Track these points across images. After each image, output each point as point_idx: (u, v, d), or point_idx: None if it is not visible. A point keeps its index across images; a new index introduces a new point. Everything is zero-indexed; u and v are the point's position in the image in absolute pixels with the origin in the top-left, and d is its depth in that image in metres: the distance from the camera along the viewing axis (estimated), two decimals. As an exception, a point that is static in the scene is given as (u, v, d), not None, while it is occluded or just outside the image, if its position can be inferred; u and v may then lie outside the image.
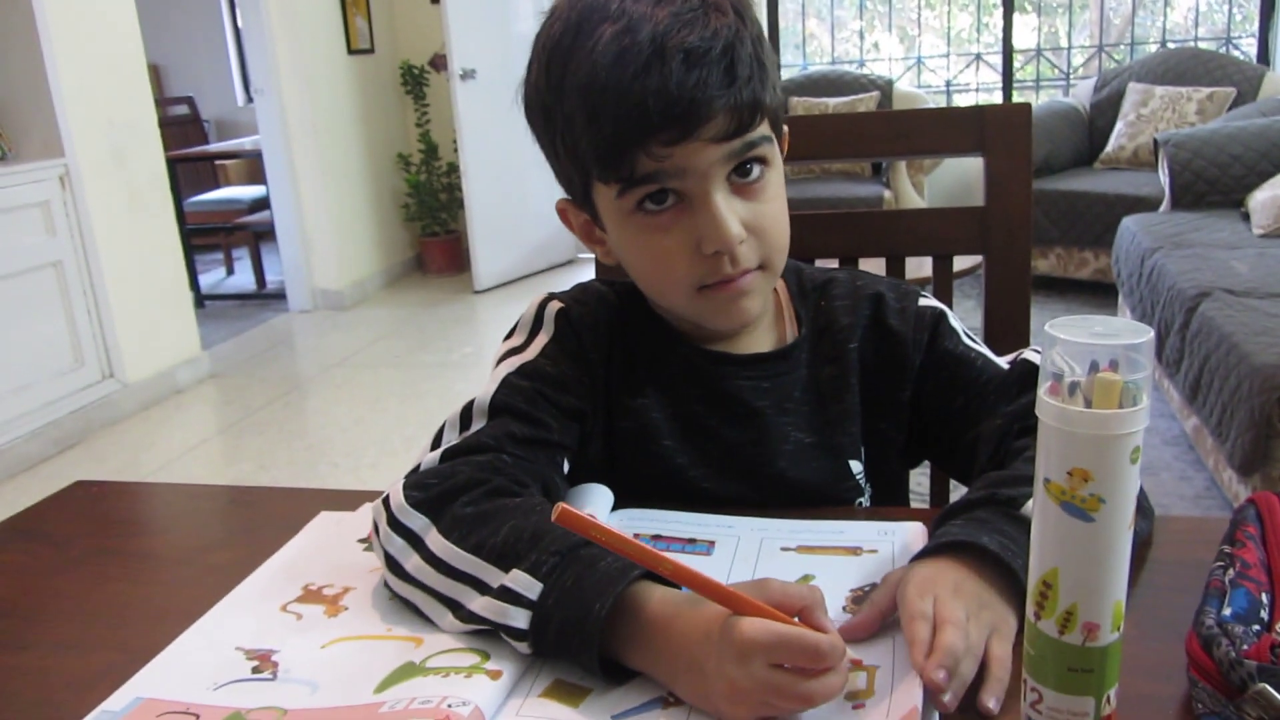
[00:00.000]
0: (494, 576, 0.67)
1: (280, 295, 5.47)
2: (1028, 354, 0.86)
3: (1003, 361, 0.88)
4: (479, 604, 0.66)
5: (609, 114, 0.73)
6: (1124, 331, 0.48)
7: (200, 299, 5.54)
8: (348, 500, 0.90)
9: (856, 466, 0.90)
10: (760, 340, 0.89)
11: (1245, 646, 0.53)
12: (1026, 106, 1.14)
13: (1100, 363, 0.48)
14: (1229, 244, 3.33)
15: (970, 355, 0.88)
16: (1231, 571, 0.62)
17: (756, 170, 0.78)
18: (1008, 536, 0.65)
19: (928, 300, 0.92)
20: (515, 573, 0.66)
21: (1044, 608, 0.51)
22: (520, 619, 0.64)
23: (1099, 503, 0.48)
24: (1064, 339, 0.48)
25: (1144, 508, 0.76)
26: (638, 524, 0.82)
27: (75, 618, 0.76)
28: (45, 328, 3.52)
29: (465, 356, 4.42)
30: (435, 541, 0.70)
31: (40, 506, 0.95)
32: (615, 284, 0.92)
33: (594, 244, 0.87)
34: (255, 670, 0.66)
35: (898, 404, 0.90)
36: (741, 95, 0.74)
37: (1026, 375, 0.84)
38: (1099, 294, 4.42)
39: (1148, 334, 0.47)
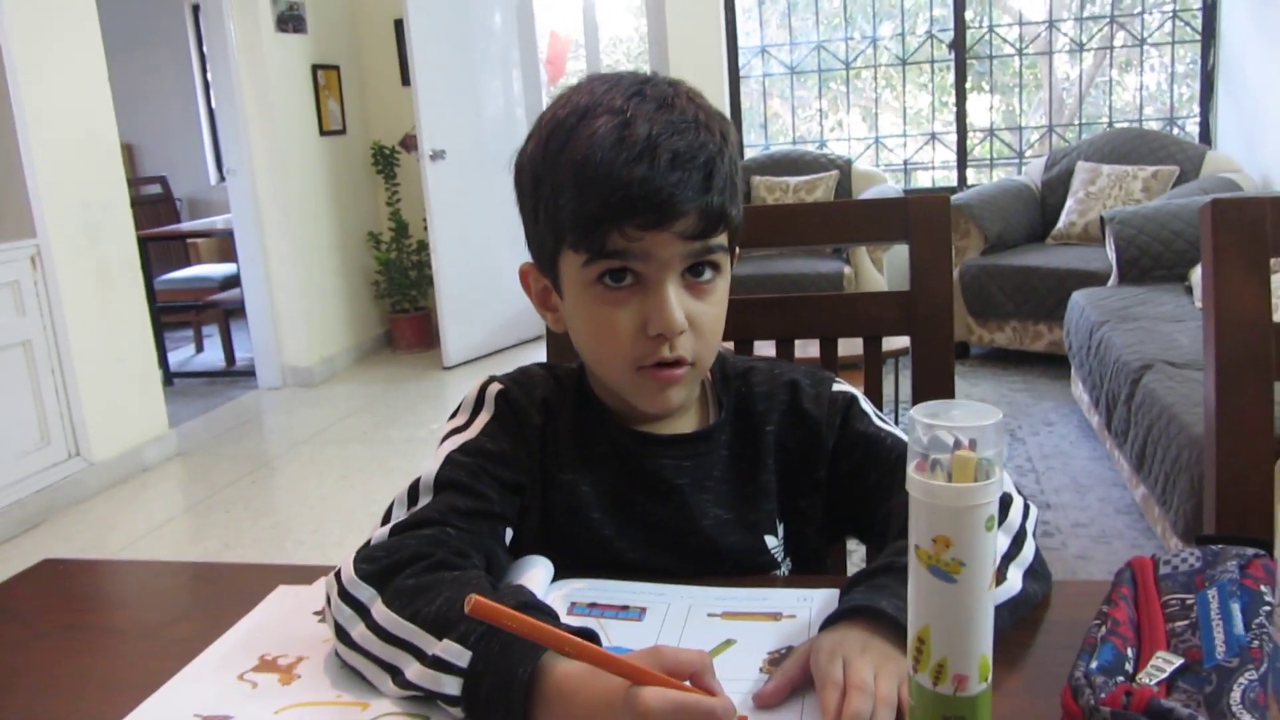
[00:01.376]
0: (428, 644, 0.72)
1: (250, 372, 5.50)
2: None
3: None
4: (414, 671, 0.72)
5: (596, 190, 0.81)
6: (979, 414, 0.54)
7: (169, 376, 5.56)
8: (305, 575, 0.95)
9: (772, 541, 0.96)
10: (683, 422, 0.97)
11: (1103, 695, 0.59)
12: (945, 199, 1.23)
13: (961, 441, 0.55)
14: (1172, 317, 3.45)
15: (880, 435, 0.96)
16: (1104, 629, 0.68)
17: (709, 273, 0.87)
18: (902, 599, 0.72)
19: (840, 386, 1.00)
20: (447, 642, 0.71)
21: (919, 661, 0.57)
22: (453, 686, 0.70)
23: (960, 566, 0.54)
24: (928, 421, 0.55)
25: (1039, 572, 0.83)
26: (576, 593, 0.88)
27: (39, 692, 0.80)
28: (12, 406, 3.54)
29: (433, 432, 4.46)
30: (379, 611, 0.76)
31: (8, 584, 0.99)
32: (554, 368, 1.00)
33: (547, 310, 0.95)
34: None
35: (814, 482, 0.97)
36: (712, 203, 0.83)
37: None
38: (1054, 366, 4.53)
39: (997, 416, 0.54)
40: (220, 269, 6.35)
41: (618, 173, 0.80)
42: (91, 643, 0.88)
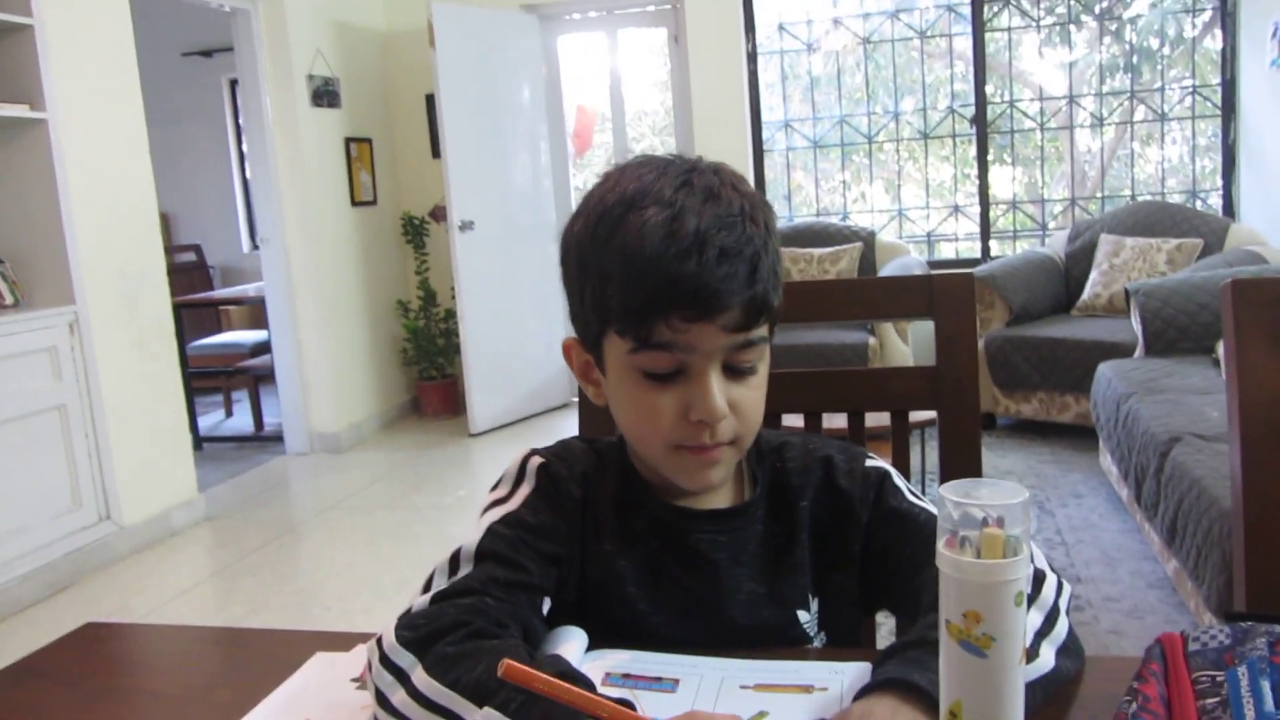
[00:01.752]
0: (469, 711, 0.74)
1: (278, 438, 5.55)
2: None
3: None
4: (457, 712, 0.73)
5: (645, 282, 0.84)
6: (1006, 493, 0.56)
7: (199, 441, 5.62)
8: (342, 642, 0.97)
9: (804, 616, 0.98)
10: (719, 498, 0.99)
11: (1134, 771, 0.59)
12: (969, 276, 1.26)
13: (989, 519, 0.56)
14: (1200, 389, 3.44)
15: (914, 510, 0.97)
16: (1134, 705, 0.69)
17: (751, 360, 0.90)
18: (935, 673, 0.73)
19: (874, 461, 1.01)
20: (488, 709, 0.73)
21: (952, 735, 0.58)
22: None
23: (990, 640, 0.56)
24: (956, 500, 0.57)
25: (1072, 649, 0.83)
26: (611, 664, 0.89)
27: (85, 753, 0.82)
28: (46, 470, 3.59)
29: (460, 499, 4.47)
30: (420, 678, 0.78)
31: (52, 647, 1.02)
32: (594, 442, 1.02)
33: (590, 384, 0.97)
34: None
35: (848, 556, 0.99)
36: (756, 295, 0.86)
37: None
38: (1081, 437, 4.51)
39: (1024, 494, 0.56)
40: (251, 335, 6.45)
41: (666, 267, 0.83)
42: (134, 706, 0.90)
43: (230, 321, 7.15)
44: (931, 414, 1.29)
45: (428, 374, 6.00)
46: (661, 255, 0.83)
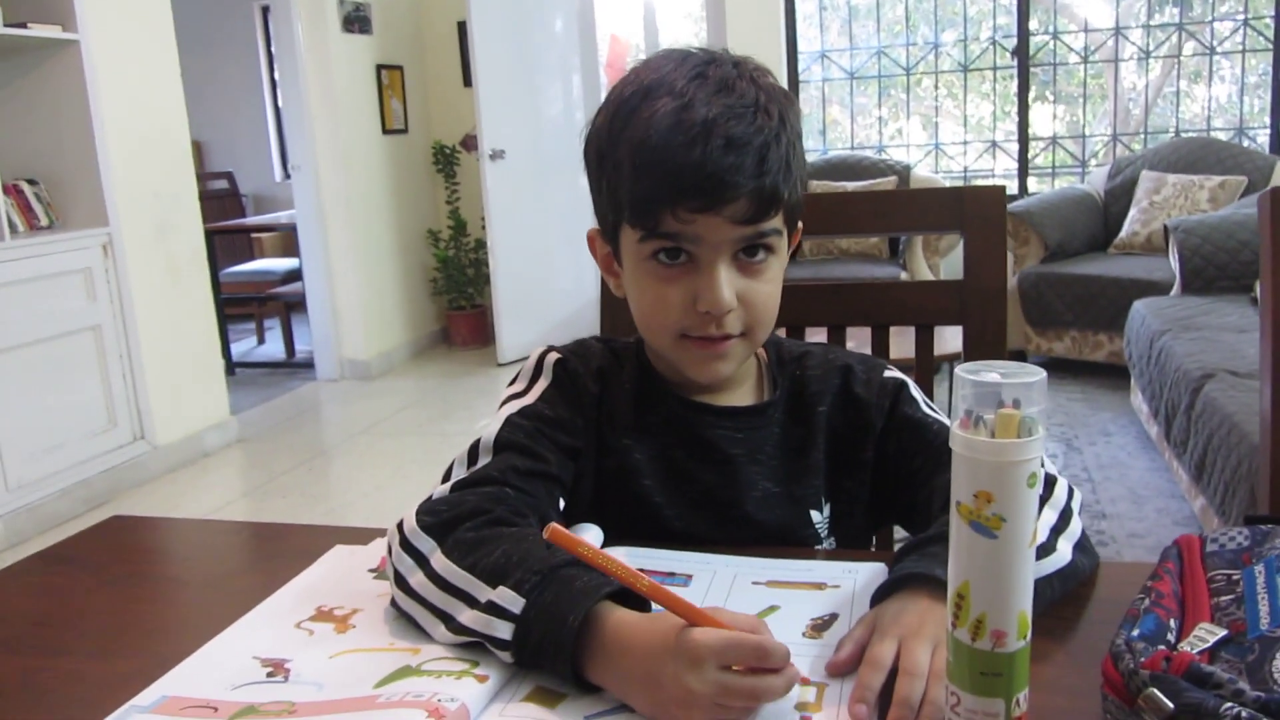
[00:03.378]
0: (483, 592, 0.74)
1: (309, 364, 5.61)
2: None
3: None
4: (468, 616, 0.74)
5: (651, 172, 0.84)
6: (1022, 373, 0.55)
7: (231, 366, 5.68)
8: (361, 536, 0.98)
9: (816, 516, 0.98)
10: (739, 397, 0.99)
11: (1142, 659, 0.59)
12: (1001, 189, 1.23)
13: (1004, 400, 0.55)
14: (1236, 327, 3.38)
15: (928, 420, 0.97)
16: (1147, 601, 0.68)
17: (761, 254, 0.89)
18: None
19: (892, 372, 1.01)
20: (502, 589, 0.73)
21: (958, 617, 0.58)
22: (504, 630, 0.72)
23: (1001, 521, 0.55)
24: (972, 379, 0.56)
25: (1086, 548, 0.83)
26: (624, 558, 0.89)
27: (107, 630, 0.84)
28: (81, 389, 3.65)
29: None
30: (439, 561, 0.78)
31: (78, 537, 1.04)
32: (610, 341, 1.03)
33: (611, 275, 0.98)
34: (269, 675, 0.74)
35: (861, 463, 0.99)
36: (765, 186, 0.84)
37: None
38: (1112, 376, 4.46)
39: (1040, 374, 0.55)
40: (283, 263, 6.48)
41: (672, 156, 0.82)
42: (156, 591, 0.92)
43: (262, 249, 7.19)
44: (958, 343, 1.27)
45: (457, 304, 6.01)
46: (668, 144, 0.82)
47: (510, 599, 0.72)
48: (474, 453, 0.91)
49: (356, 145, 5.37)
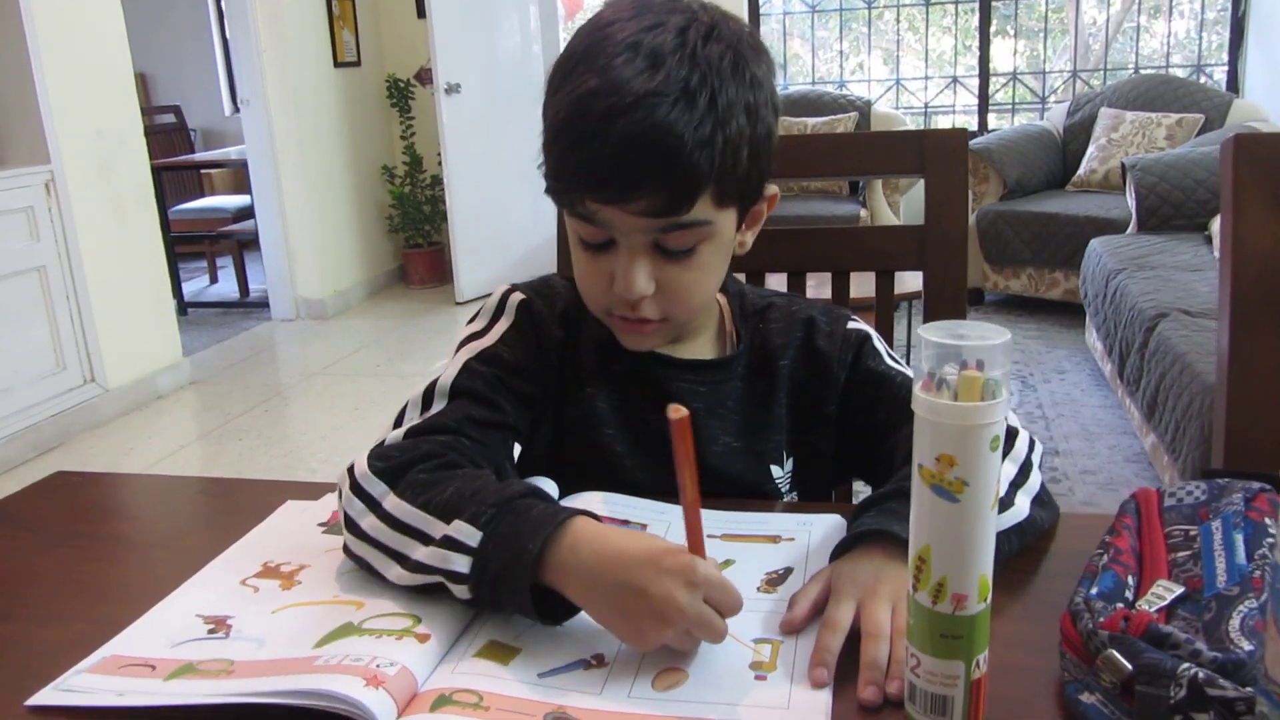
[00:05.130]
0: (437, 528, 0.73)
1: (263, 304, 5.51)
2: None
3: None
4: (423, 553, 0.73)
5: (560, 155, 0.81)
6: (987, 334, 0.54)
7: (183, 306, 5.58)
8: (313, 491, 0.96)
9: (778, 471, 0.97)
10: (702, 350, 0.97)
11: (1101, 619, 0.59)
12: (964, 132, 1.21)
13: (968, 362, 0.54)
14: (1191, 266, 3.42)
15: (891, 373, 0.96)
16: (1105, 557, 0.68)
17: (684, 244, 0.84)
18: None
19: (855, 324, 1.00)
20: (457, 523, 0.72)
21: (919, 580, 0.57)
22: (461, 564, 0.70)
23: (963, 485, 0.54)
24: (935, 340, 0.54)
25: (1045, 502, 0.83)
26: (581, 502, 0.88)
27: (52, 595, 0.81)
28: (28, 332, 3.57)
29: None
30: (391, 502, 0.77)
31: (21, 494, 1.01)
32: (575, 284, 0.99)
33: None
34: (210, 632, 0.73)
35: (824, 417, 0.98)
36: (674, 182, 0.79)
37: None
38: (1068, 314, 4.50)
39: (1005, 336, 0.54)
40: (234, 200, 6.34)
41: (577, 144, 0.79)
42: (103, 551, 0.89)
43: (213, 186, 7.02)
44: (918, 283, 1.26)
45: (414, 241, 5.93)
46: (575, 132, 0.79)
47: (466, 532, 0.71)
48: (429, 396, 0.89)
49: (307, 78, 5.23)
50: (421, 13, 5.44)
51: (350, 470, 0.82)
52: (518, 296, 0.96)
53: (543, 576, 0.69)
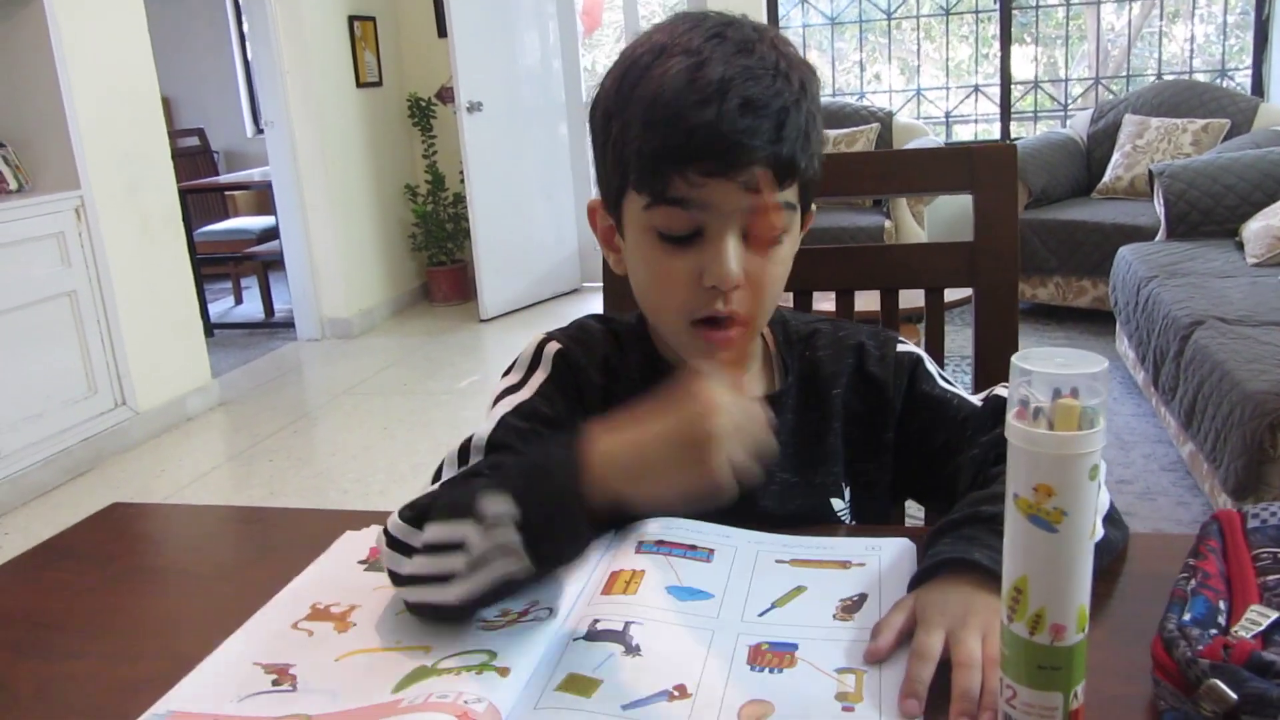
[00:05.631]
0: (466, 525, 0.71)
1: (288, 324, 5.54)
2: (999, 390, 0.93)
3: (976, 399, 0.95)
4: (473, 546, 0.71)
5: (661, 130, 0.79)
6: (1083, 362, 0.53)
7: (210, 327, 5.61)
8: (368, 520, 0.95)
9: (839, 504, 0.96)
10: (751, 384, 0.95)
11: (1200, 647, 0.58)
12: (1013, 147, 1.20)
13: (1062, 390, 0.53)
14: (1223, 273, 3.38)
15: (947, 396, 0.95)
16: (1193, 581, 0.67)
17: (773, 230, 0.83)
18: (994, 549, 0.70)
19: (905, 346, 0.98)
20: (480, 502, 0.71)
21: (1016, 611, 0.56)
22: (499, 503, 0.70)
23: (1061, 515, 0.53)
24: (1030, 369, 0.54)
25: (1116, 520, 0.82)
26: (644, 531, 0.87)
27: (115, 630, 0.81)
28: (59, 356, 3.59)
29: (472, 384, 4.48)
30: (422, 537, 0.75)
31: (79, 527, 1.01)
32: (611, 322, 0.98)
33: (611, 249, 0.93)
34: (275, 683, 0.71)
35: (881, 445, 0.96)
36: (782, 153, 0.80)
37: (999, 409, 0.90)
38: (1097, 322, 4.47)
39: (1103, 364, 0.53)
40: (258, 221, 6.38)
41: (684, 114, 0.78)
42: (163, 585, 0.89)
43: (237, 207, 7.07)
44: (965, 292, 1.25)
45: (437, 259, 5.95)
46: (681, 101, 0.78)
47: (493, 500, 0.71)
48: (464, 452, 0.86)
49: (330, 99, 5.26)
50: (442, 32, 5.47)
51: (385, 529, 0.79)
52: (554, 346, 0.93)
53: (584, 488, 0.70)
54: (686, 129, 0.78)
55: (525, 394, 0.90)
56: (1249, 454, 2.30)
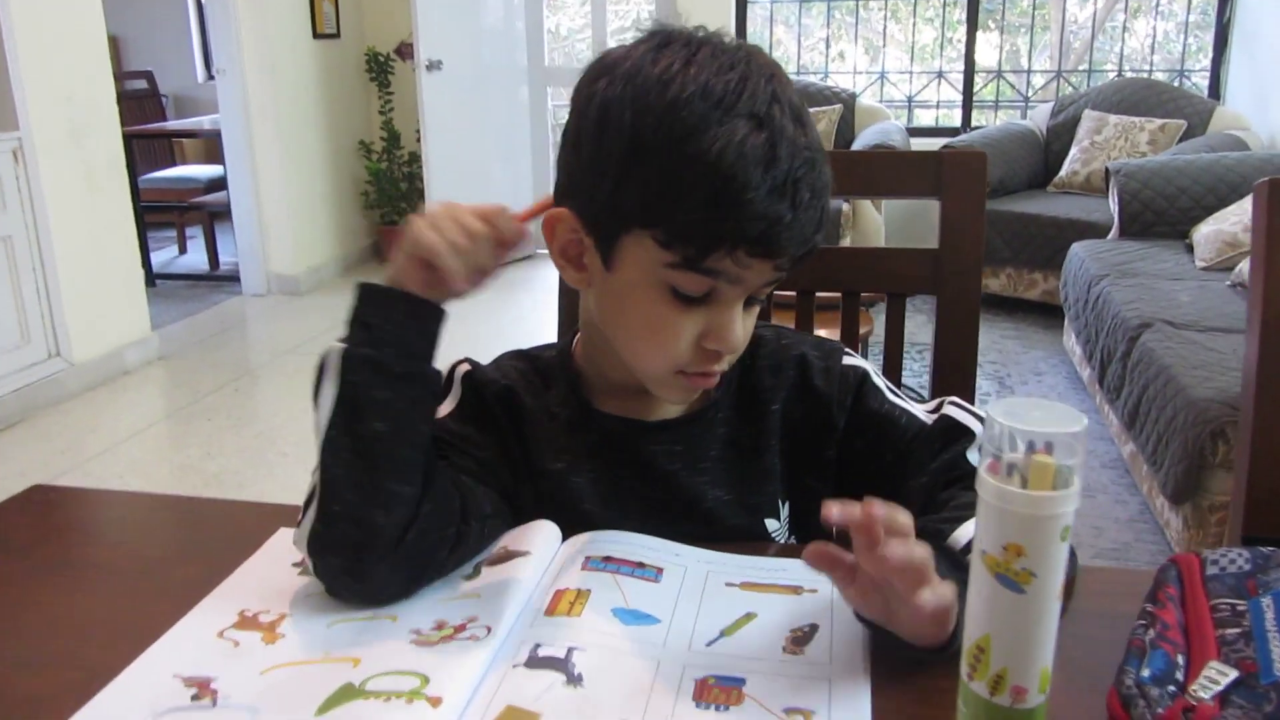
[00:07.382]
0: (323, 414, 0.88)
1: (234, 277, 5.41)
2: (948, 408, 0.90)
3: (923, 412, 0.92)
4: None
5: (729, 212, 0.73)
6: (1061, 418, 0.51)
7: (152, 277, 5.46)
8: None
9: (773, 524, 0.93)
10: (670, 407, 0.92)
11: (1160, 710, 0.56)
12: (982, 155, 1.18)
13: (1037, 445, 0.51)
14: (1173, 275, 3.42)
15: (894, 413, 0.92)
16: (1152, 632, 0.65)
17: (765, 293, 0.83)
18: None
19: (851, 359, 0.95)
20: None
21: (977, 670, 0.54)
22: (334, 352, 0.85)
23: (1030, 576, 0.51)
24: (1005, 423, 0.51)
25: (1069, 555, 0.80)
26: (592, 545, 0.84)
27: (35, 634, 0.76)
28: (-9, 303, 3.47)
29: (420, 349, 4.40)
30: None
31: (-3, 510, 0.96)
32: (533, 357, 0.96)
33: (569, 264, 0.85)
34: (194, 698, 0.67)
35: (823, 461, 0.93)
36: (817, 241, 0.80)
37: (949, 430, 0.88)
38: (1046, 315, 4.51)
39: (1082, 422, 0.51)
40: (206, 170, 6.22)
41: (758, 203, 0.73)
42: (87, 582, 0.84)
43: (184, 155, 6.89)
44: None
45: (390, 218, 5.84)
46: (756, 189, 0.73)
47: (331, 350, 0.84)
48: None
49: (285, 49, 5.12)
50: (404, -15, 5.34)
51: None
52: (463, 368, 0.93)
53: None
54: (755, 216, 0.74)
55: (437, 414, 0.89)
56: (1189, 460, 2.33)
